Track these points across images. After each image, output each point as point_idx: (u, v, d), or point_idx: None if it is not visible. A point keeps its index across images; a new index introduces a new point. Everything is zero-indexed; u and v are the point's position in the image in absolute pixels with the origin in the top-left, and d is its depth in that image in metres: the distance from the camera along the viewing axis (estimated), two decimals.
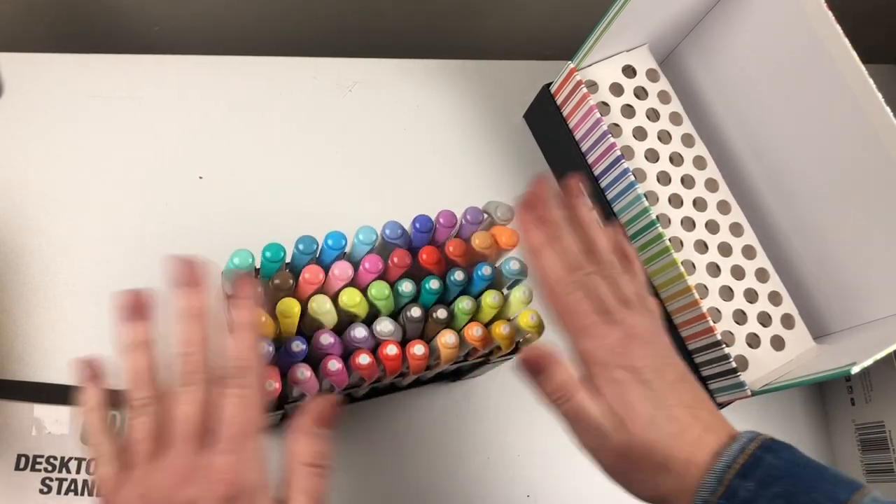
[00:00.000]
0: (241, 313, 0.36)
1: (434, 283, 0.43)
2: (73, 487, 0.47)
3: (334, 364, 0.41)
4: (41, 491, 0.47)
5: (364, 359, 0.41)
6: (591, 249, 0.40)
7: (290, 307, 0.40)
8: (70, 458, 0.47)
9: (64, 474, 0.47)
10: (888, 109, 0.50)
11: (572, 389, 0.37)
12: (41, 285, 0.53)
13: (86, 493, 0.47)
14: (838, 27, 0.52)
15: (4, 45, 0.59)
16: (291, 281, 0.41)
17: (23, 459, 0.47)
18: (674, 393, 0.37)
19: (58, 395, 0.49)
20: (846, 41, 0.51)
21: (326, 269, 0.42)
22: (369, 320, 0.43)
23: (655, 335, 0.39)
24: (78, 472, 0.47)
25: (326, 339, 0.41)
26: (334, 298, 0.42)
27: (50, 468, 0.47)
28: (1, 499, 0.46)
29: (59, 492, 0.47)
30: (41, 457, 0.47)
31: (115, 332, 0.35)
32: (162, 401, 0.34)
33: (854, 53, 0.51)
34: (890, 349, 0.47)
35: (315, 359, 0.42)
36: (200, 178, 0.58)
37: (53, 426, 0.48)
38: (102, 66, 0.59)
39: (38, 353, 0.51)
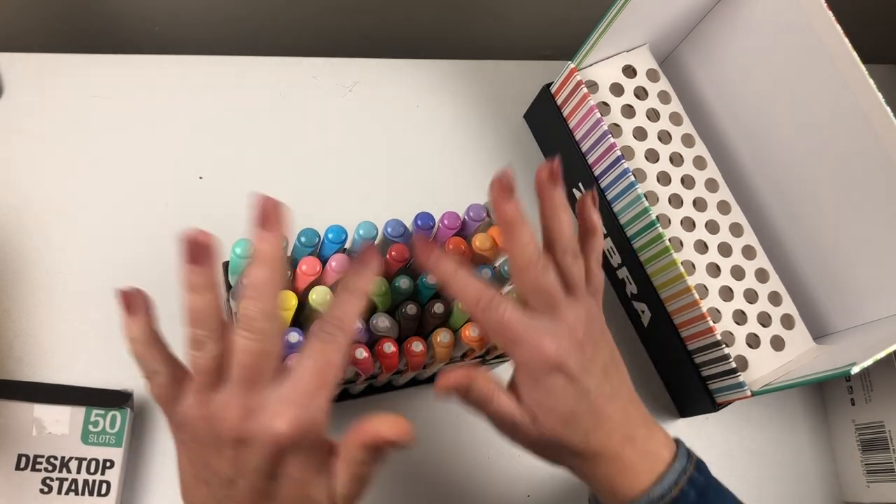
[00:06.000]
0: (358, 281, 0.36)
1: (431, 278, 0.43)
2: (73, 487, 0.47)
3: None
4: (41, 491, 0.47)
5: (360, 353, 0.41)
6: (553, 238, 0.40)
7: (287, 300, 0.40)
8: (70, 458, 0.47)
9: (64, 474, 0.47)
10: (888, 109, 0.50)
11: (490, 395, 0.39)
12: (41, 285, 0.53)
13: (86, 493, 0.47)
14: (838, 27, 0.52)
15: (4, 45, 0.59)
16: (289, 273, 0.41)
17: (23, 459, 0.47)
18: (601, 389, 0.38)
19: (58, 395, 0.49)
20: (846, 41, 0.51)
21: (325, 262, 0.42)
22: (366, 315, 0.43)
23: (591, 325, 0.39)
24: (78, 472, 0.47)
25: None
26: (333, 291, 0.42)
27: (50, 468, 0.47)
28: (1, 499, 0.46)
29: (59, 492, 0.47)
30: (41, 457, 0.47)
31: (179, 273, 0.34)
32: (222, 340, 0.34)
33: (854, 53, 0.51)
34: (890, 349, 0.47)
35: None
36: (200, 178, 0.58)
37: (53, 426, 0.48)
38: (102, 66, 0.59)
39: (37, 353, 0.51)
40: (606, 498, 0.40)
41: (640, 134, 0.61)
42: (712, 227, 0.60)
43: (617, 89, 0.61)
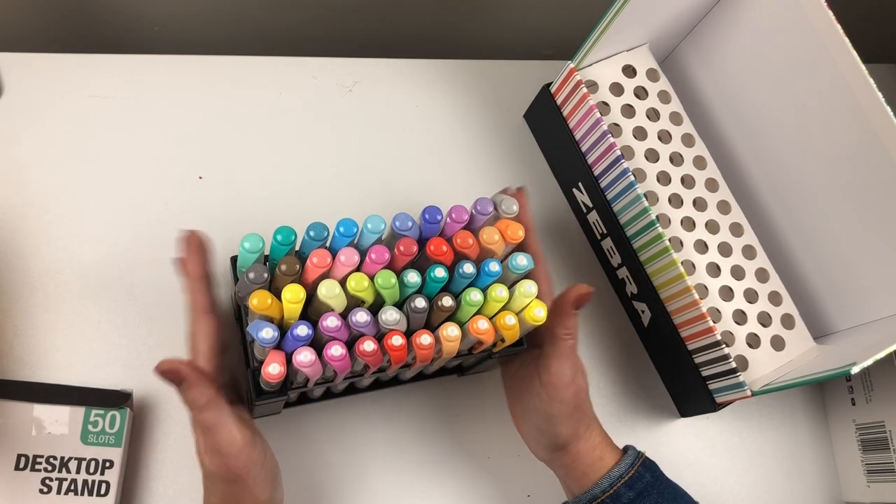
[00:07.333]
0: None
1: (439, 272, 0.43)
2: (73, 487, 0.47)
3: (338, 349, 0.41)
4: (41, 491, 0.47)
5: (369, 345, 0.41)
6: None
7: (297, 293, 0.40)
8: (69, 458, 0.47)
9: (64, 474, 0.47)
10: (888, 109, 0.50)
11: (575, 332, 0.47)
12: (41, 285, 0.53)
13: (85, 493, 0.47)
14: (838, 27, 0.52)
15: (4, 45, 0.59)
16: (298, 266, 0.41)
17: (23, 459, 0.47)
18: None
19: (57, 394, 0.49)
20: (846, 41, 0.51)
21: (335, 255, 0.42)
22: (374, 310, 0.43)
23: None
24: (77, 472, 0.47)
25: (333, 321, 0.41)
26: (342, 284, 0.42)
27: (49, 468, 0.47)
28: (1, 499, 0.46)
29: (58, 492, 0.47)
30: (41, 457, 0.47)
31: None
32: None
33: (854, 53, 0.51)
34: (890, 349, 0.47)
35: (319, 343, 0.42)
36: (200, 178, 0.58)
37: (53, 426, 0.48)
38: (102, 66, 0.59)
39: (37, 353, 0.51)
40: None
41: (639, 134, 0.61)
42: (712, 226, 0.60)
43: (617, 89, 0.61)
